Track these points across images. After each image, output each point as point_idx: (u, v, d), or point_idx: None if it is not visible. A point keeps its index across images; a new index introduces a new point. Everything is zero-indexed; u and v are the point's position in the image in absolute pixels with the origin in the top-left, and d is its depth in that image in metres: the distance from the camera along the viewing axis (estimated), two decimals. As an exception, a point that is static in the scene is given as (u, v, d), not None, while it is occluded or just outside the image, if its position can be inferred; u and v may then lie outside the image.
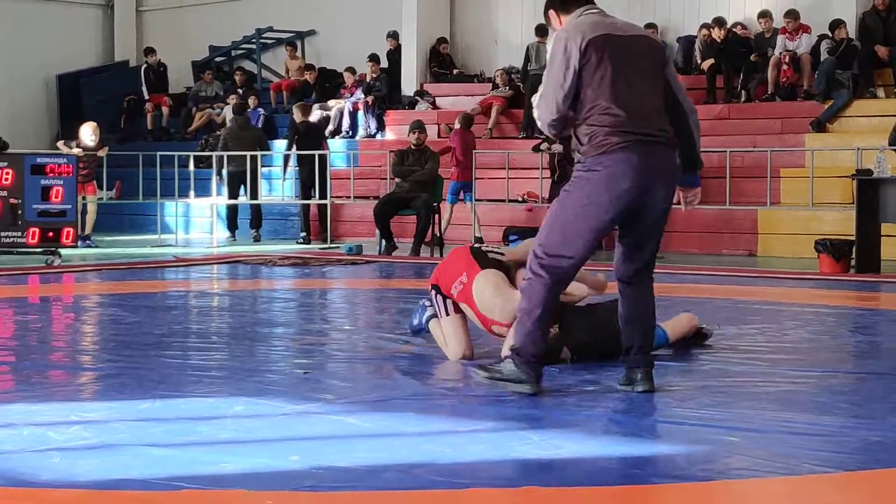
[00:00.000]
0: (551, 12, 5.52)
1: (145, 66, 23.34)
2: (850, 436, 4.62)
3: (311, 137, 17.46)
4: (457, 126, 16.58)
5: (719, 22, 17.74)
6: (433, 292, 6.45)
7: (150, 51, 23.28)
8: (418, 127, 15.14)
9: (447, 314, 6.36)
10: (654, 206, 5.31)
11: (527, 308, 5.28)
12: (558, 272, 5.26)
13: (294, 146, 17.57)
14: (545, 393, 5.37)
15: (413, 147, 14.98)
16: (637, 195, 5.22)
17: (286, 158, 18.02)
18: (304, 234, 17.53)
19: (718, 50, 17.56)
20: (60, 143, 16.47)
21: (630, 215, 5.30)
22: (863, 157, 13.13)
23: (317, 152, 16.73)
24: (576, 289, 6.36)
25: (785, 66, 16.81)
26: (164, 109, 23.09)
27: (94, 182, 16.29)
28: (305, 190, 17.30)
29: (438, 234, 15.02)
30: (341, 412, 5.04)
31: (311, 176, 16.77)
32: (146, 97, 23.15)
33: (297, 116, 17.75)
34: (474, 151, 16.06)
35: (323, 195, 16.88)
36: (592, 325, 6.40)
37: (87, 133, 16.14)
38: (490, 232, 15.97)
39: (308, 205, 17.45)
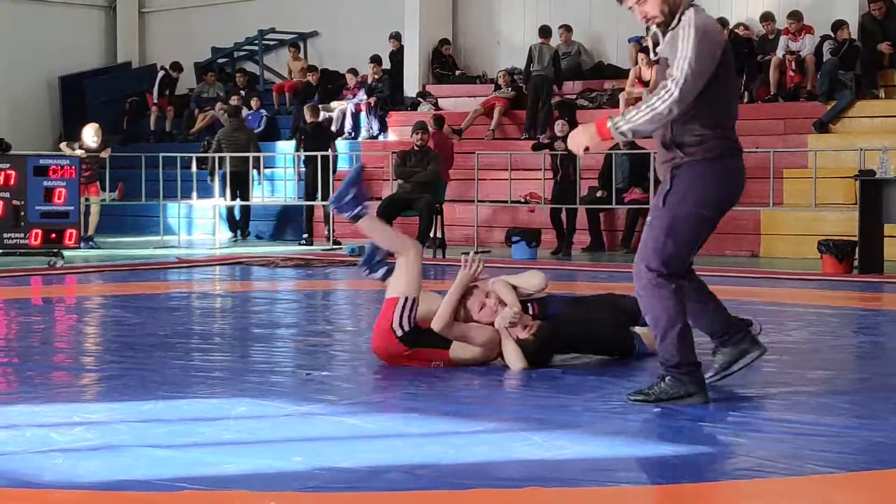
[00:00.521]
0: None
1: (163, 73, 23.25)
2: (854, 436, 4.62)
3: (318, 138, 17.42)
4: (430, 128, 16.64)
5: (721, 23, 17.73)
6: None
7: (177, 66, 23.23)
8: (421, 128, 15.14)
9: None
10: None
11: (666, 322, 5.14)
12: (677, 276, 5.20)
13: (302, 147, 17.57)
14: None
15: (416, 148, 14.98)
16: (735, 200, 5.31)
17: (298, 159, 17.98)
18: (305, 235, 17.53)
19: (721, 51, 17.53)
20: (63, 145, 16.48)
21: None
22: (866, 157, 13.12)
23: (319, 153, 16.72)
24: (531, 281, 6.33)
25: (792, 73, 16.81)
26: (169, 113, 23.09)
27: (98, 183, 16.30)
28: (310, 191, 17.28)
29: (441, 236, 15.01)
30: (344, 413, 5.03)
31: (315, 177, 16.75)
32: (155, 101, 23.10)
33: (307, 117, 17.75)
34: (479, 153, 16.05)
35: (327, 196, 16.87)
36: (585, 318, 6.39)
37: (90, 134, 16.15)
38: (493, 233, 15.98)
39: (312, 206, 17.42)
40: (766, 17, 17.58)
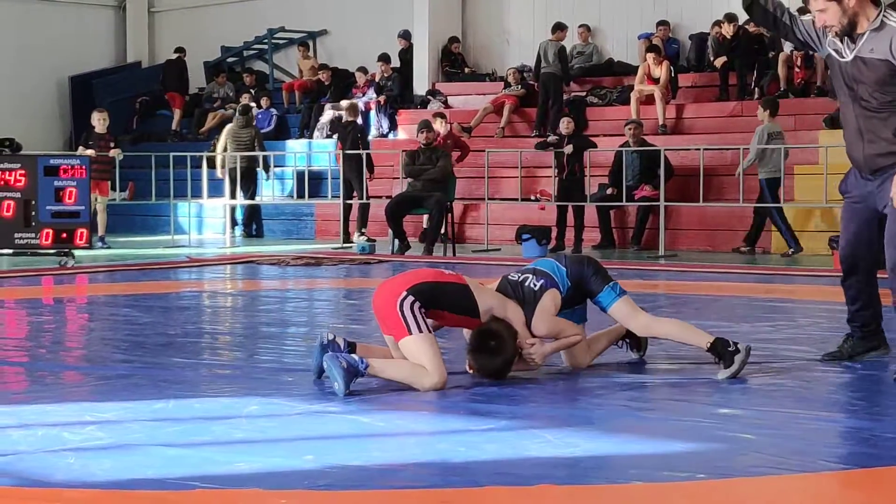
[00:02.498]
0: None
1: (179, 62, 23.35)
2: (866, 433, 4.60)
3: (356, 137, 17.20)
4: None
5: (730, 18, 17.69)
6: (409, 302, 5.56)
7: (179, 50, 23.27)
8: (426, 126, 15.14)
9: (424, 331, 5.55)
10: None
11: None
12: None
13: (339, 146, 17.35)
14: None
15: (423, 146, 14.98)
16: None
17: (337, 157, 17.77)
18: (363, 232, 16.89)
19: (731, 47, 17.52)
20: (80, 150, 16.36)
21: None
22: (876, 153, 13.07)
23: (340, 152, 16.69)
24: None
25: (797, 69, 16.77)
26: (177, 111, 23.16)
27: (108, 182, 16.22)
28: (348, 189, 16.95)
29: (452, 233, 15.00)
30: (355, 411, 5.03)
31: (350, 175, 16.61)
32: (188, 94, 23.22)
33: (348, 116, 17.57)
34: (489, 151, 16.05)
35: (361, 195, 16.72)
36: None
37: (96, 118, 16.14)
38: (503, 231, 15.97)
39: (351, 204, 17.01)
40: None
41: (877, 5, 5.49)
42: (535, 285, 5.90)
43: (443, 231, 14.79)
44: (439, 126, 16.21)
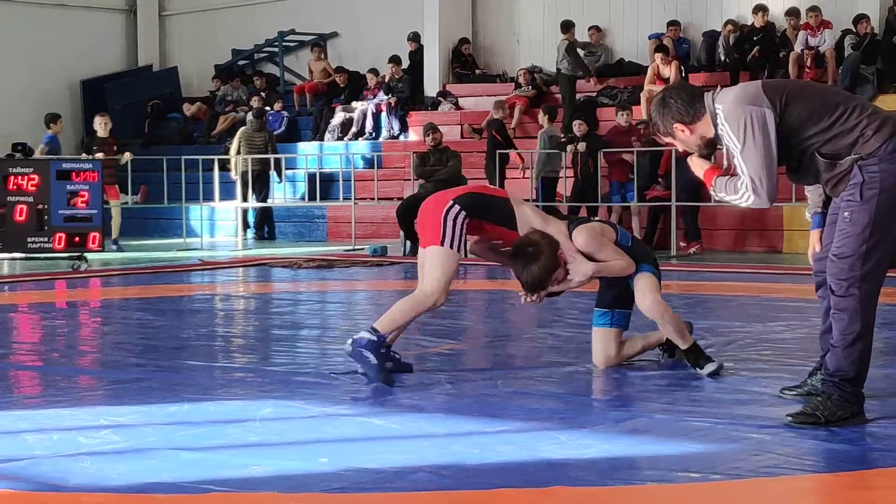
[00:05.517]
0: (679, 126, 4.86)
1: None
2: (879, 433, 4.60)
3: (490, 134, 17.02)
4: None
5: (761, 8, 17.63)
6: (454, 212, 5.80)
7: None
8: (432, 128, 15.16)
9: (455, 248, 5.79)
10: None
11: (859, 331, 4.68)
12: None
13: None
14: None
15: (431, 148, 14.98)
16: None
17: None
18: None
19: (753, 42, 17.46)
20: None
21: None
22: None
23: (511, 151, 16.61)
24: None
25: (808, 69, 16.73)
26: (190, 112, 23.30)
27: (116, 186, 16.20)
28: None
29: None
30: (369, 414, 5.05)
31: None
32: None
33: (496, 113, 17.34)
34: (500, 152, 16.04)
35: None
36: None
37: (98, 122, 16.20)
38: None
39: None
40: (791, 13, 17.52)
41: (701, 107, 4.80)
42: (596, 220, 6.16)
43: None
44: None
